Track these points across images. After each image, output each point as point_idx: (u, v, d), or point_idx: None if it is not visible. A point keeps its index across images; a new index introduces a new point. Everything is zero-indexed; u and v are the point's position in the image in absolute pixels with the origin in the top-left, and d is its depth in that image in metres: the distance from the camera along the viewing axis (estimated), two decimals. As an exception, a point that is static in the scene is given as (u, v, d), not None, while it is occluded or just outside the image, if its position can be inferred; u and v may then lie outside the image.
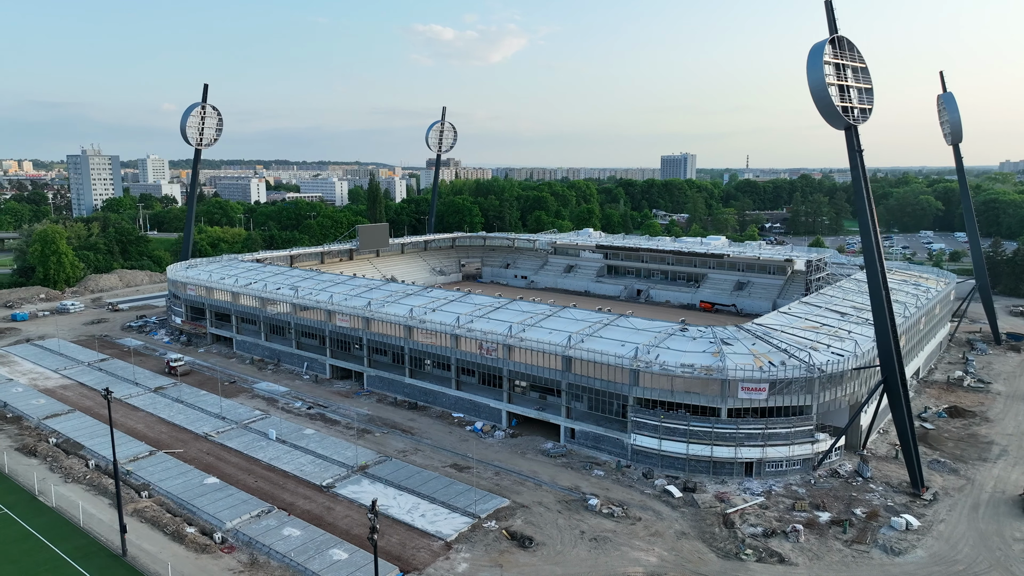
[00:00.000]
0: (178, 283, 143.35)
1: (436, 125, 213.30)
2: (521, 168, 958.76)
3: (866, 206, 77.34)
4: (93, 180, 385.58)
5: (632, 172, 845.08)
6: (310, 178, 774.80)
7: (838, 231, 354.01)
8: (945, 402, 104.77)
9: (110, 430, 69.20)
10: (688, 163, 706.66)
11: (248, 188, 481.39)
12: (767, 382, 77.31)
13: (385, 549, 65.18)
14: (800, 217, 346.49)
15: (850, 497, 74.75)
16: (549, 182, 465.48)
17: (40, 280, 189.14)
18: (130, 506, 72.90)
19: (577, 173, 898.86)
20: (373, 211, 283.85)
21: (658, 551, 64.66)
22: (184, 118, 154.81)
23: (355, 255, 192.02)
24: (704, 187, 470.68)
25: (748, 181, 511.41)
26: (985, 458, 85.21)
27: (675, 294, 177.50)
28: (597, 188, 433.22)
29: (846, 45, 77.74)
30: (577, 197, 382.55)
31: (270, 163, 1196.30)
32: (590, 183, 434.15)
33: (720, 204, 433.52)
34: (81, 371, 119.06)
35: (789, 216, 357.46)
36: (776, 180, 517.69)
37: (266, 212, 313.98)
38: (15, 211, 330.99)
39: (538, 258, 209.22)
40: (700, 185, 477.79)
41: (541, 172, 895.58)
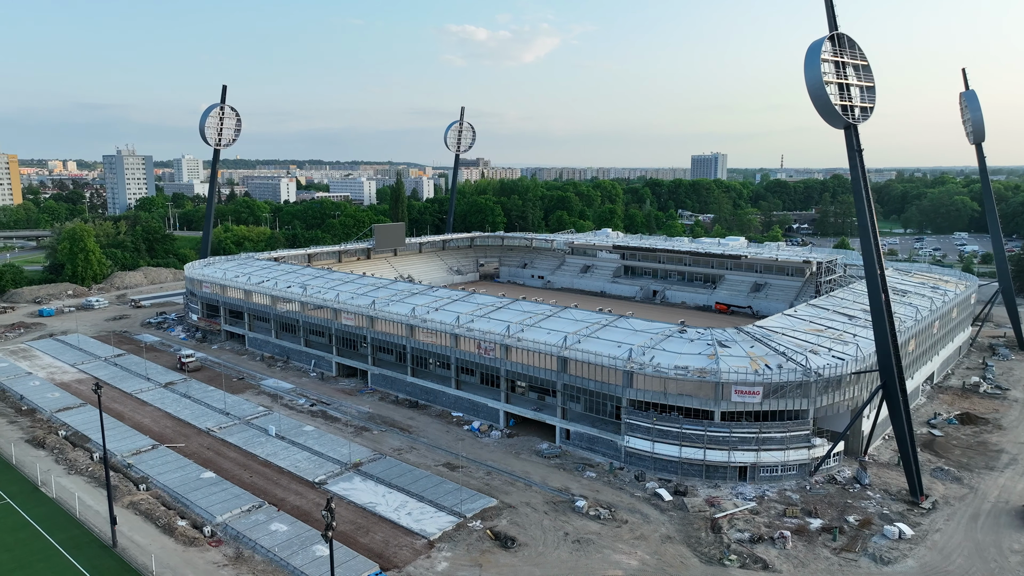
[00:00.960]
0: (195, 281, 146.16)
1: (455, 125, 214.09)
2: (550, 168, 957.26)
3: (865, 207, 75.76)
4: (127, 180, 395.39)
5: (663, 172, 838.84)
6: (341, 178, 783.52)
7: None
8: (958, 408, 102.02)
9: (100, 425, 70.64)
10: (719, 163, 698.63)
11: (278, 187, 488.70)
12: (761, 385, 76.09)
13: (368, 546, 65.79)
14: (828, 218, 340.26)
15: (845, 504, 73.21)
16: (574, 182, 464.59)
17: (69, 277, 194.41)
18: (127, 498, 74.50)
19: (607, 173, 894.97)
20: (396, 211, 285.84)
21: (640, 554, 64.08)
22: (203, 119, 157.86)
23: (372, 254, 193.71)
24: (733, 187, 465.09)
25: (778, 181, 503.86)
26: (992, 467, 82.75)
27: (691, 295, 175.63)
28: (624, 188, 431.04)
29: (846, 42, 76.17)
30: (602, 197, 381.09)
31: (304, 163, 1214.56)
32: (615, 183, 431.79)
33: (749, 205, 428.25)
34: (97, 366, 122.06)
35: (817, 217, 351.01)
36: (807, 180, 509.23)
37: (292, 211, 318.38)
38: (52, 210, 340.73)
39: (555, 258, 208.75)
40: (728, 185, 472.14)
41: (570, 172, 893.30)
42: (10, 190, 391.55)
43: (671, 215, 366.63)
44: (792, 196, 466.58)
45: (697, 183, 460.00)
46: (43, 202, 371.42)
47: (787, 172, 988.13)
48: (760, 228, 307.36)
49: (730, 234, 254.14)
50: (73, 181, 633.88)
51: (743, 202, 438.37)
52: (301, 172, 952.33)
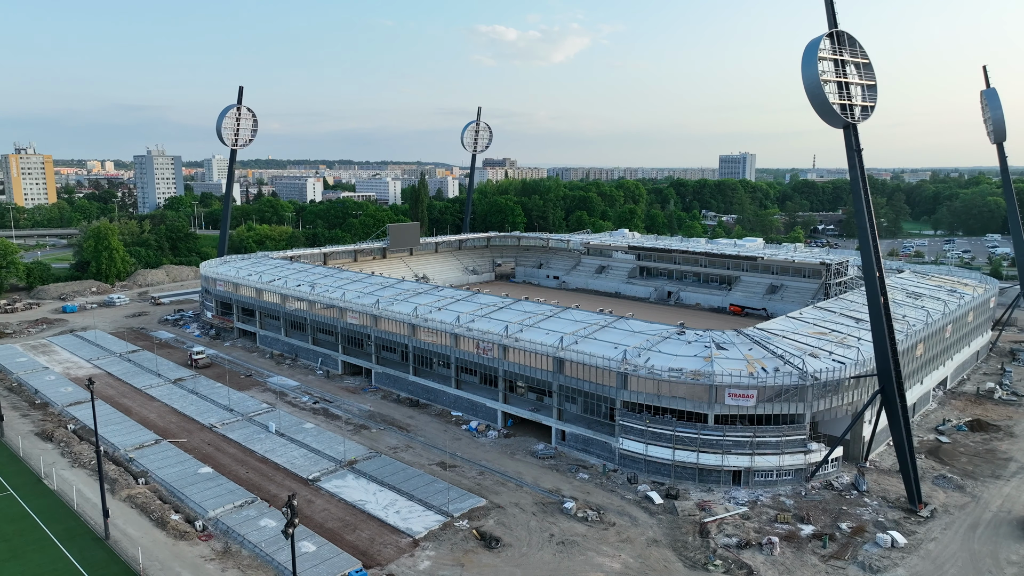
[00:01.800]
0: (209, 279, 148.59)
1: (471, 125, 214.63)
2: (577, 168, 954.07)
3: (864, 208, 74.28)
4: (157, 179, 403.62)
5: (691, 172, 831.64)
6: (368, 178, 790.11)
7: (896, 234, 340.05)
8: (970, 415, 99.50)
9: (93, 420, 72.07)
10: (747, 163, 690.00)
11: (304, 187, 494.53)
12: (755, 388, 75.00)
13: (353, 544, 66.27)
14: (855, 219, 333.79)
15: (840, 511, 71.83)
16: (597, 182, 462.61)
17: (93, 274, 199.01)
18: (125, 492, 75.99)
19: (634, 173, 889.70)
20: (416, 210, 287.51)
21: (624, 558, 63.58)
22: (219, 120, 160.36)
23: (388, 254, 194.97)
24: (759, 188, 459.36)
25: (806, 181, 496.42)
26: (999, 475, 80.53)
27: (706, 296, 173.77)
28: (648, 189, 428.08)
29: (846, 40, 74.79)
30: (625, 197, 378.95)
31: (334, 163, 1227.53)
32: (639, 183, 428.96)
33: (776, 205, 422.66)
34: (111, 361, 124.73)
35: (844, 218, 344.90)
36: (836, 181, 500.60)
37: (314, 211, 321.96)
38: (84, 209, 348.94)
39: (571, 259, 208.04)
40: (755, 186, 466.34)
41: (597, 172, 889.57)
42: (45, 189, 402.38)
43: (694, 215, 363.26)
44: (820, 197, 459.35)
45: (723, 183, 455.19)
46: (76, 201, 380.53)
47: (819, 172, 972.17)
48: (782, 229, 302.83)
49: (751, 235, 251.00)
50: (108, 181, 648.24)
51: (770, 203, 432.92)
52: (331, 172, 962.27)
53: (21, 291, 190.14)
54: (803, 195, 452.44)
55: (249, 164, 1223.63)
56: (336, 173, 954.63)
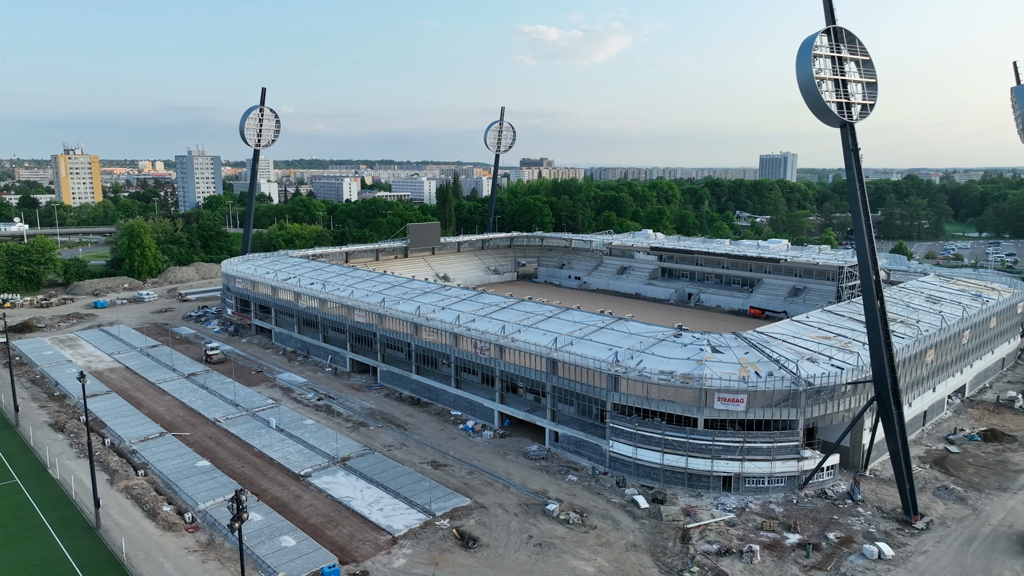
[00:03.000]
0: (229, 276, 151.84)
1: (495, 125, 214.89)
2: (615, 168, 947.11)
3: (861, 209, 72.29)
4: (196, 179, 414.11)
5: (732, 172, 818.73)
6: (407, 177, 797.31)
7: (939, 235, 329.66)
8: (985, 424, 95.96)
9: (85, 413, 74.47)
10: (788, 163, 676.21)
11: (341, 187, 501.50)
12: (745, 393, 73.52)
13: (333, 539, 67.03)
14: (894, 220, 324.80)
15: (830, 520, 69.97)
16: (629, 182, 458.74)
17: (127, 271, 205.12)
18: (123, 483, 78.19)
19: (673, 173, 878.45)
20: (444, 210, 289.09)
21: (599, 561, 62.98)
22: (242, 120, 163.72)
23: (410, 253, 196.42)
24: (798, 188, 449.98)
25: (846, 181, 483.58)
26: (1006, 488, 77.44)
27: (727, 299, 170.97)
28: (683, 189, 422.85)
29: (844, 37, 72.81)
30: (658, 197, 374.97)
31: (375, 163, 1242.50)
32: (672, 183, 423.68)
33: (814, 206, 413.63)
34: (131, 356, 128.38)
35: (882, 219, 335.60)
36: (879, 181, 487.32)
37: (346, 210, 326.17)
38: (127, 207, 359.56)
39: (593, 259, 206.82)
40: (793, 186, 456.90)
41: (636, 172, 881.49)
42: (91, 188, 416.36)
43: (727, 216, 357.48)
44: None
45: (759, 183, 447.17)
46: (120, 200, 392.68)
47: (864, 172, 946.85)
48: (813, 230, 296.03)
49: (782, 237, 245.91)
50: (155, 180, 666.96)
51: (808, 203, 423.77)
52: (371, 172, 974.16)
53: (59, 287, 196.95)
54: (843, 196, 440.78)
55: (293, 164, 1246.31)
56: (376, 173, 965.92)
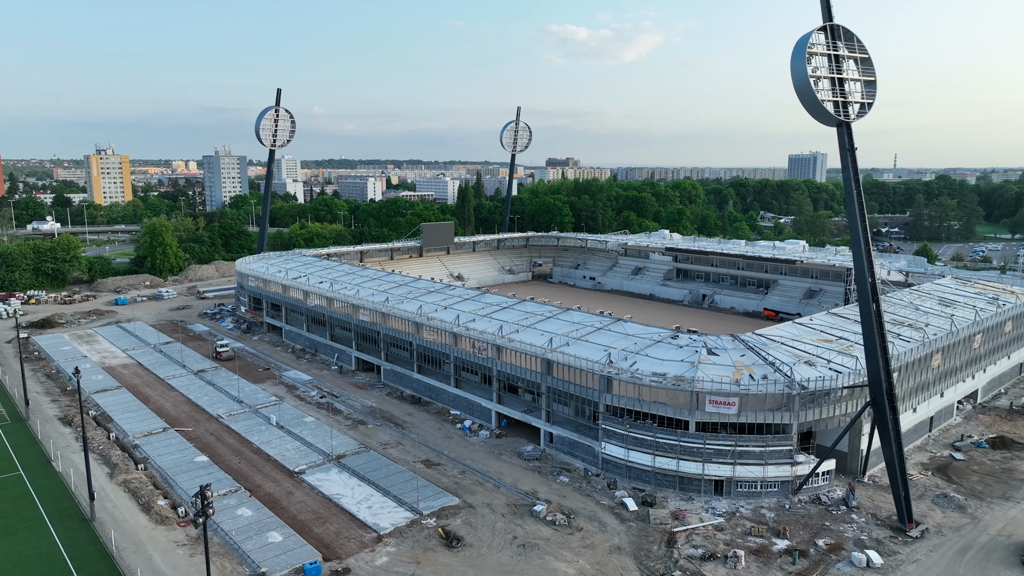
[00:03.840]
0: (243, 275, 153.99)
1: (511, 125, 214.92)
2: (642, 167, 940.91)
3: (856, 210, 70.91)
4: (223, 178, 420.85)
5: (761, 172, 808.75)
6: (433, 177, 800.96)
7: (969, 237, 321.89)
8: (996, 431, 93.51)
9: (80, 408, 75.98)
10: (818, 163, 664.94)
11: (365, 187, 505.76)
12: (737, 396, 72.56)
13: (319, 536, 67.58)
14: (922, 221, 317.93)
15: (822, 526, 68.74)
16: (652, 182, 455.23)
17: (148, 269, 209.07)
18: (122, 476, 79.73)
19: (701, 172, 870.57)
20: (463, 209, 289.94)
21: (581, 564, 62.63)
22: (258, 121, 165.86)
23: (424, 253, 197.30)
24: (825, 188, 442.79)
25: (877, 182, 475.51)
26: (1009, 497, 75.36)
27: (741, 300, 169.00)
28: (707, 189, 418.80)
29: (842, 34, 71.54)
30: (680, 197, 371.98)
31: (403, 163, 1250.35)
32: (696, 183, 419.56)
33: (842, 207, 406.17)
34: (144, 352, 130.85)
35: (910, 220, 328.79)
36: (909, 181, 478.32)
37: (368, 210, 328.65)
38: (155, 206, 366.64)
39: (608, 259, 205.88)
40: (820, 186, 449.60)
41: (663, 172, 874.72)
42: (122, 188, 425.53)
43: (751, 216, 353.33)
44: (891, 198, 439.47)
45: (785, 184, 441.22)
46: (149, 199, 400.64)
47: (898, 172, 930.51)
48: (835, 231, 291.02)
49: (803, 238, 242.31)
50: (186, 180, 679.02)
51: (836, 204, 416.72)
52: (399, 171, 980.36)
53: (83, 284, 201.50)
54: (872, 196, 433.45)
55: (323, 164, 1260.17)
56: (403, 173, 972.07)
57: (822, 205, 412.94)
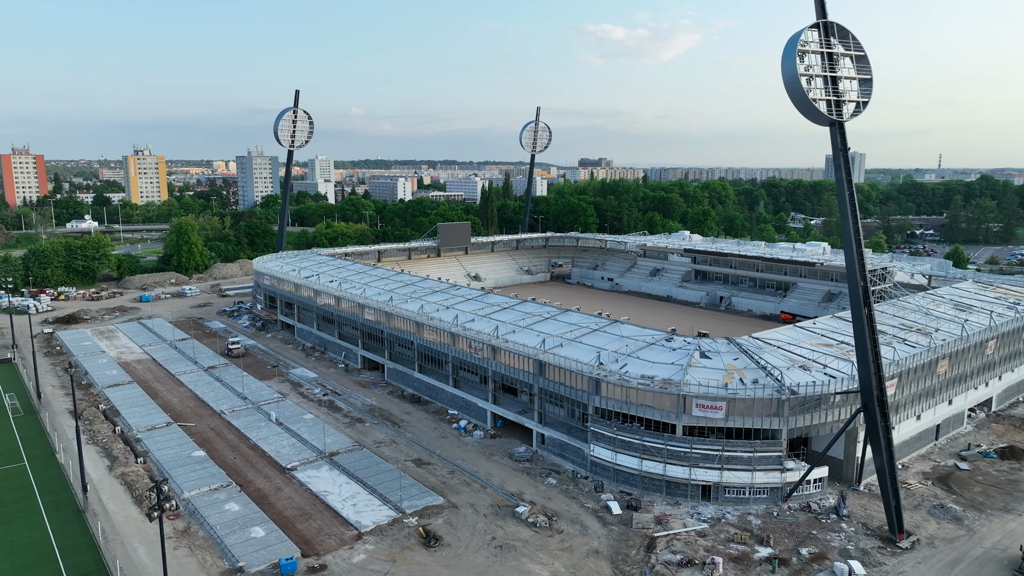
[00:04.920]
0: (259, 273, 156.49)
1: (530, 125, 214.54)
2: (676, 168, 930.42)
3: (849, 211, 69.12)
4: (255, 178, 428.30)
5: (798, 172, 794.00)
6: (466, 177, 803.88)
7: (1009, 239, 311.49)
8: (1007, 441, 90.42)
9: (72, 402, 77.65)
10: (855, 162, 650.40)
11: (395, 187, 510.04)
12: (724, 400, 71.34)
13: (301, 532, 68.33)
14: (959, 223, 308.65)
15: (808, 535, 67.20)
16: (680, 182, 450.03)
17: (175, 267, 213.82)
18: (120, 469, 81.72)
19: (736, 172, 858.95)
20: (486, 210, 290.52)
21: (556, 566, 62.24)
22: (276, 122, 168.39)
23: (442, 252, 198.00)
24: (861, 189, 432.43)
25: (915, 183, 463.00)
26: (1010, 509, 72.73)
27: (759, 303, 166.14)
28: (737, 190, 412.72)
29: (835, 31, 69.89)
30: (710, 198, 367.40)
31: (437, 163, 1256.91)
32: (726, 184, 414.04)
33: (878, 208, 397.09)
34: (159, 348, 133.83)
35: (947, 222, 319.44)
36: (949, 182, 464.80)
37: (394, 209, 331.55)
38: (188, 206, 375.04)
39: (627, 260, 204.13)
40: (856, 187, 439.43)
41: (697, 172, 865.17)
42: (158, 188, 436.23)
43: (781, 218, 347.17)
44: (929, 199, 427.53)
45: (819, 184, 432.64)
46: (183, 199, 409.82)
47: (942, 173, 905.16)
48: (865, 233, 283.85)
49: (830, 239, 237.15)
50: (223, 180, 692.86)
51: (871, 205, 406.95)
52: (432, 172, 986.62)
53: (112, 281, 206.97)
54: (910, 197, 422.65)
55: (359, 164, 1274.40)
56: (436, 173, 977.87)
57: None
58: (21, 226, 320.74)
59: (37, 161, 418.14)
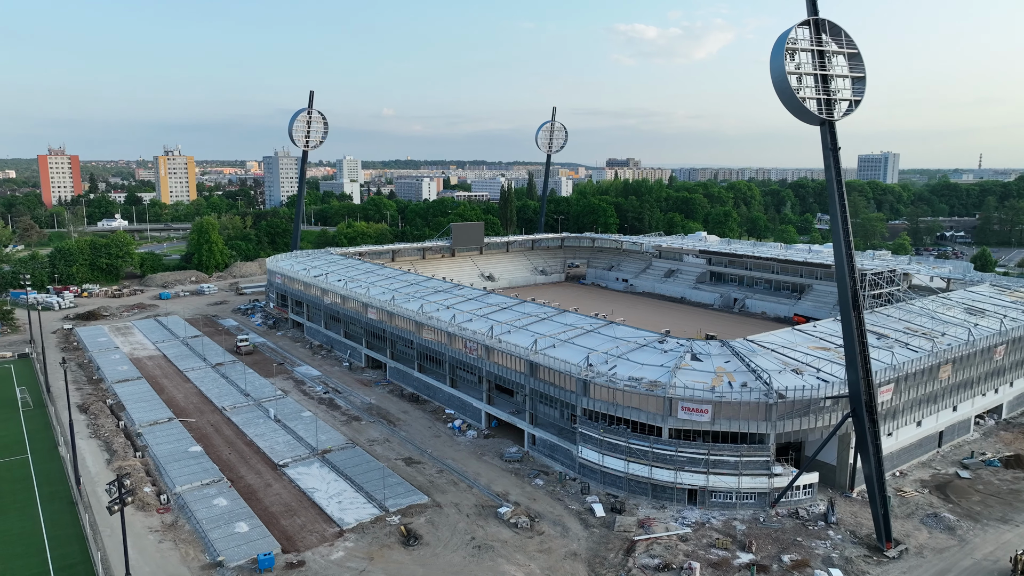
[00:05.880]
0: (272, 272, 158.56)
1: (546, 125, 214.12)
2: (706, 168, 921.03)
3: (838, 212, 67.68)
4: (281, 178, 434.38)
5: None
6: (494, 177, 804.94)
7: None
8: (1014, 449, 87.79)
9: (67, 397, 79.24)
10: (889, 163, 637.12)
11: (420, 187, 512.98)
12: (710, 403, 70.37)
13: (284, 528, 69.08)
14: (991, 225, 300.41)
15: (792, 541, 65.97)
16: (705, 183, 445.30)
17: (196, 265, 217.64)
18: (118, 462, 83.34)
19: (767, 173, 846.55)
20: (505, 210, 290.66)
21: (532, 568, 61.98)
22: (291, 123, 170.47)
23: (456, 253, 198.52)
24: (890, 190, 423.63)
25: (949, 183, 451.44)
26: (1008, 520, 70.59)
27: (773, 305, 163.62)
28: (764, 191, 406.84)
29: (827, 28, 68.53)
30: (735, 199, 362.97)
31: (466, 163, 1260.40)
32: (752, 184, 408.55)
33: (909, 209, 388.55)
34: (171, 345, 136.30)
35: (978, 224, 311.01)
36: (985, 182, 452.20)
37: (415, 210, 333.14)
38: (216, 205, 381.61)
39: (643, 261, 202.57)
40: (887, 188, 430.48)
41: (727, 172, 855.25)
42: (187, 187, 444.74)
43: (807, 219, 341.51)
44: (964, 200, 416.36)
45: (848, 185, 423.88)
46: (211, 198, 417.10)
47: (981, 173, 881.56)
48: (888, 235, 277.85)
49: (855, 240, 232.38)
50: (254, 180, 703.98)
51: (902, 206, 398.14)
52: (460, 172, 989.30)
53: (135, 278, 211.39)
54: (943, 198, 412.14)
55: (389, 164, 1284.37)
56: (465, 173, 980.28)
57: (887, 208, 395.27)
58: (54, 224, 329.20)
59: (72, 161, 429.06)
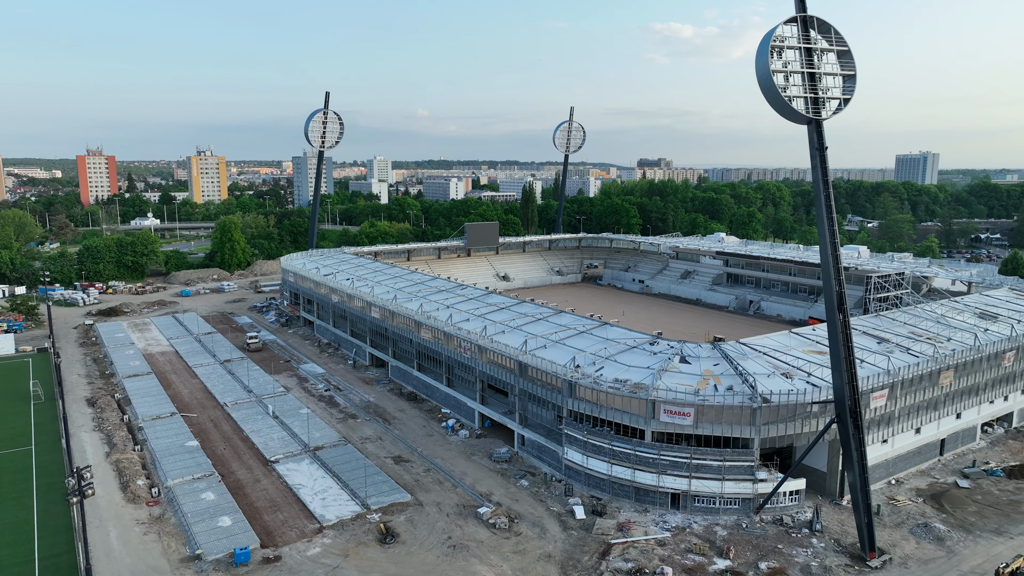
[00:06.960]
0: (286, 270, 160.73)
1: (563, 125, 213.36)
2: (739, 168, 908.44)
3: (824, 213, 66.41)
4: (310, 178, 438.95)
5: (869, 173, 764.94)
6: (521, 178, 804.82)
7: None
8: (1020, 459, 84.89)
9: (61, 394, 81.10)
10: (928, 163, 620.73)
11: (448, 187, 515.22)
12: (692, 407, 69.42)
13: (266, 524, 69.99)
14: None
15: (772, 548, 64.73)
16: (732, 184, 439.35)
17: (218, 263, 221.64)
18: (116, 456, 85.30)
19: (801, 173, 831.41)
20: (526, 210, 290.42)
21: (504, 568, 61.83)
22: (307, 123, 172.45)
23: (472, 252, 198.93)
24: (926, 191, 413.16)
25: (987, 184, 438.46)
26: (1003, 531, 68.32)
27: (788, 308, 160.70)
28: (794, 191, 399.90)
29: (815, 25, 67.18)
30: (763, 200, 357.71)
31: (498, 163, 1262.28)
32: (781, 185, 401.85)
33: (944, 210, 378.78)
34: (184, 341, 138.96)
35: (1015, 226, 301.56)
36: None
37: (438, 209, 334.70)
38: (245, 204, 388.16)
39: (660, 262, 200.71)
40: (922, 189, 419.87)
41: (761, 172, 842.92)
42: (219, 187, 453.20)
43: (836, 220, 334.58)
44: (1004, 201, 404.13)
45: (881, 186, 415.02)
46: (241, 198, 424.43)
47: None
48: (915, 237, 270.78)
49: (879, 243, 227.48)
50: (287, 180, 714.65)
51: (938, 207, 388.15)
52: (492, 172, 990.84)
53: (160, 276, 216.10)
54: (981, 199, 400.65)
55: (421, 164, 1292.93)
56: (496, 173, 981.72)
57: (922, 209, 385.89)
58: (89, 223, 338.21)
59: (109, 162, 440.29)
